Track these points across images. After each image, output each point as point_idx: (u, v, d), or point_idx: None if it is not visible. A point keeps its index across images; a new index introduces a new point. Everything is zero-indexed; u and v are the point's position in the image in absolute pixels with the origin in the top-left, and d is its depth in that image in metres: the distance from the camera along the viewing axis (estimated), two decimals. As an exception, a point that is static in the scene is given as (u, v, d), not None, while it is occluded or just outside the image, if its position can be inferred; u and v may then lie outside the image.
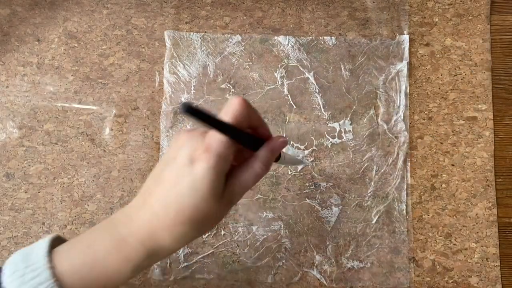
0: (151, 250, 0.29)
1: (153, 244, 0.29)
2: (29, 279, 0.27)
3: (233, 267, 0.45)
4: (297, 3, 0.49)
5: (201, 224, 0.29)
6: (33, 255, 0.29)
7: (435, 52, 0.48)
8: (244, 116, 0.29)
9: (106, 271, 0.29)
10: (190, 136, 0.29)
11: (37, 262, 0.28)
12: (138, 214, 0.29)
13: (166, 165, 0.29)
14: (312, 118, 0.47)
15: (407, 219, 0.45)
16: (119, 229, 0.29)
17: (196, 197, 0.27)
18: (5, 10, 0.50)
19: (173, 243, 0.29)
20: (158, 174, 0.30)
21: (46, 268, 0.28)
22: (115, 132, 0.47)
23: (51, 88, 0.48)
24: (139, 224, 0.29)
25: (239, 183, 0.30)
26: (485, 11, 0.48)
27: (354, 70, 0.48)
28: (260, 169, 0.30)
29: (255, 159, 0.30)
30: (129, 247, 0.29)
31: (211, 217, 0.29)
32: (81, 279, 0.28)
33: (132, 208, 0.30)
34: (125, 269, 0.29)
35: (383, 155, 0.46)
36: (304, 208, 0.46)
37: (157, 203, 0.28)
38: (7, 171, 0.47)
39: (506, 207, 0.46)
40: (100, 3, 0.50)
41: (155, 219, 0.28)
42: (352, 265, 0.45)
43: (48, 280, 0.27)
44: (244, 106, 0.29)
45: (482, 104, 0.47)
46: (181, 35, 0.49)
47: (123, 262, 0.29)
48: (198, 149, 0.28)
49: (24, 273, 0.28)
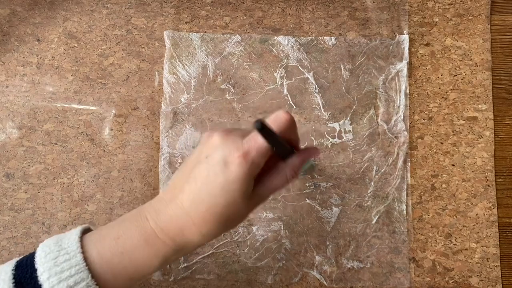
0: (179, 245, 0.30)
1: (182, 239, 0.30)
2: (62, 261, 0.29)
3: (233, 267, 0.45)
4: (297, 3, 0.49)
5: (228, 223, 0.30)
6: (65, 240, 0.30)
7: (435, 52, 0.48)
8: (288, 131, 0.31)
9: (135, 263, 0.30)
10: (226, 138, 0.30)
11: (69, 247, 0.29)
12: (167, 209, 0.30)
13: (198, 163, 0.30)
14: (312, 118, 0.47)
15: (407, 219, 0.45)
16: (148, 223, 0.30)
17: (227, 197, 0.29)
18: (5, 10, 0.50)
19: (201, 239, 0.30)
20: (189, 171, 0.30)
21: (78, 252, 0.29)
22: (115, 132, 0.47)
23: (50, 88, 0.48)
24: (169, 220, 0.30)
25: (268, 187, 0.32)
26: (485, 11, 0.48)
27: (354, 70, 0.48)
28: (290, 175, 0.32)
29: (287, 166, 0.32)
30: (158, 242, 0.30)
31: (238, 217, 0.31)
32: (110, 268, 0.29)
33: (161, 202, 0.31)
34: (153, 262, 0.30)
35: (383, 155, 0.46)
36: (304, 208, 0.46)
37: (187, 199, 0.29)
38: (7, 171, 0.47)
39: (506, 207, 0.46)
40: (100, 3, 0.50)
41: (185, 216, 0.29)
42: (352, 265, 0.45)
43: (80, 263, 0.28)
44: (290, 121, 0.30)
45: (482, 104, 0.47)
46: (180, 35, 0.49)
47: (151, 256, 0.30)
48: (233, 152, 0.29)
49: (57, 255, 0.29)
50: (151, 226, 0.30)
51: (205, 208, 0.29)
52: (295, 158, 0.32)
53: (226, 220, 0.30)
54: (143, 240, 0.30)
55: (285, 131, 0.30)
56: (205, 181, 0.29)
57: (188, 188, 0.30)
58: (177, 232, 0.30)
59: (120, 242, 0.30)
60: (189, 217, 0.29)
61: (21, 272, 0.29)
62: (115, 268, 0.29)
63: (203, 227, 0.29)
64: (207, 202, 0.29)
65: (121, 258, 0.29)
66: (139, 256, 0.30)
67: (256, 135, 0.30)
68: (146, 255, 0.30)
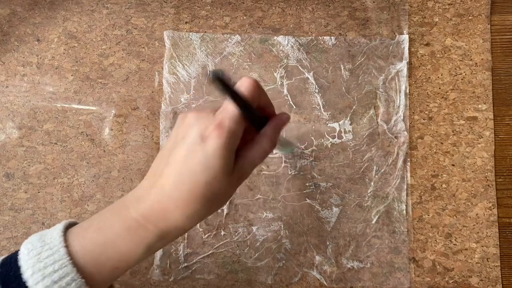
0: (164, 231, 0.29)
1: (165, 224, 0.29)
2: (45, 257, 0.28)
3: (233, 267, 0.45)
4: (297, 3, 0.49)
5: (213, 202, 0.29)
6: (48, 236, 0.30)
7: (435, 52, 0.48)
8: (256, 95, 0.30)
9: (118, 253, 0.29)
10: (198, 115, 0.30)
11: (52, 242, 0.29)
12: (149, 195, 0.29)
13: (175, 146, 0.30)
14: (312, 118, 0.47)
15: (407, 219, 0.45)
16: (130, 211, 0.30)
17: (208, 174, 0.28)
18: (5, 10, 0.50)
19: (186, 222, 0.29)
20: (167, 155, 0.30)
21: (61, 246, 0.28)
22: (115, 132, 0.47)
23: (50, 88, 0.48)
24: (150, 205, 0.29)
25: (248, 160, 0.31)
26: (485, 11, 0.48)
27: (354, 70, 0.48)
28: (267, 146, 0.31)
29: (262, 136, 0.31)
30: (140, 229, 0.29)
31: (222, 194, 0.29)
32: (93, 260, 0.29)
33: (141, 190, 0.30)
34: (137, 251, 0.29)
35: (383, 155, 0.46)
36: (304, 208, 0.46)
37: (168, 183, 0.29)
38: (7, 171, 0.47)
39: (506, 207, 0.46)
40: (100, 3, 0.50)
41: (167, 199, 0.29)
42: (352, 265, 0.45)
43: (64, 258, 0.28)
44: (256, 85, 0.30)
45: (482, 104, 0.47)
46: (180, 35, 0.49)
47: (134, 244, 0.29)
48: (208, 126, 0.28)
49: (41, 251, 0.28)
50: (133, 215, 0.29)
51: (187, 189, 0.28)
52: (268, 126, 0.32)
53: (210, 199, 0.29)
54: (124, 228, 0.29)
55: (253, 97, 0.29)
56: (184, 161, 0.28)
57: (167, 171, 0.29)
58: (159, 217, 0.29)
59: (101, 232, 0.29)
60: (171, 200, 0.28)
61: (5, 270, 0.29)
62: (99, 259, 0.29)
63: (186, 208, 0.28)
64: (188, 182, 0.28)
65: (104, 249, 0.29)
66: (121, 246, 0.29)
67: (227, 104, 0.29)
68: (129, 244, 0.29)
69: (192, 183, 0.28)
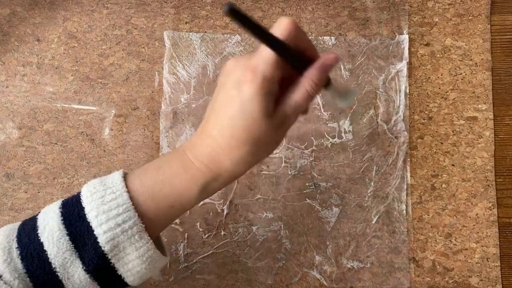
0: (216, 173, 0.31)
1: (216, 166, 0.30)
2: (108, 200, 0.30)
3: (233, 267, 0.45)
4: (297, 3, 0.49)
5: (257, 147, 0.30)
6: (109, 180, 0.31)
7: (435, 52, 0.48)
8: (294, 36, 0.28)
9: (175, 189, 0.31)
10: (237, 61, 0.30)
11: (115, 186, 0.30)
12: (200, 139, 0.31)
13: (218, 93, 0.31)
14: (312, 118, 0.47)
15: (407, 219, 0.45)
16: (186, 153, 0.31)
17: (246, 118, 0.28)
18: (5, 10, 0.50)
19: (234, 167, 0.30)
20: (212, 102, 0.31)
21: (124, 191, 0.30)
22: (115, 132, 0.47)
23: (50, 88, 0.48)
24: (202, 149, 0.31)
25: (289, 103, 0.30)
26: (485, 11, 0.48)
27: (353, 70, 0.48)
28: (309, 86, 0.30)
29: (304, 78, 0.30)
30: (194, 168, 0.31)
31: (266, 139, 0.30)
32: (151, 197, 0.30)
33: (196, 136, 0.32)
34: (192, 188, 0.31)
35: (383, 155, 0.46)
36: (304, 208, 0.46)
37: (213, 128, 0.30)
38: (7, 171, 0.47)
39: (506, 207, 0.46)
40: (100, 3, 0.50)
41: (214, 143, 0.30)
42: (352, 265, 0.45)
43: (127, 202, 0.30)
44: (294, 26, 0.28)
45: (482, 104, 0.47)
46: (180, 35, 0.49)
47: (189, 182, 0.31)
48: (244, 71, 0.28)
49: (104, 194, 0.30)
50: (188, 156, 0.31)
51: (228, 133, 0.29)
52: (311, 67, 0.30)
53: (253, 144, 0.29)
54: (181, 167, 0.31)
55: (292, 40, 0.28)
56: (224, 106, 0.29)
57: (212, 118, 0.30)
58: (210, 159, 0.30)
59: (160, 171, 0.31)
60: (217, 145, 0.30)
61: (68, 210, 0.30)
62: (157, 196, 0.30)
63: (231, 154, 0.29)
64: (228, 126, 0.29)
65: (162, 185, 0.30)
66: (178, 183, 0.30)
67: (262, 49, 0.28)
68: (185, 181, 0.30)
69: (232, 128, 0.29)
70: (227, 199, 0.46)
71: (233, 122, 0.29)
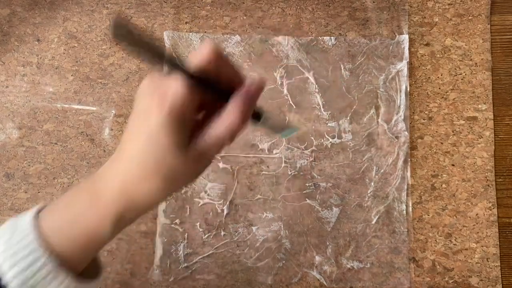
0: (126, 206, 0.28)
1: (127, 198, 0.28)
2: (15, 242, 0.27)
3: (233, 267, 0.45)
4: (297, 3, 0.49)
5: (171, 179, 0.27)
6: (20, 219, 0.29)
7: (435, 52, 0.48)
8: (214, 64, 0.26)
9: (86, 227, 0.28)
10: (150, 83, 0.27)
11: (24, 225, 0.28)
12: (111, 169, 0.28)
13: (131, 118, 0.28)
14: (312, 118, 0.47)
15: (407, 219, 0.45)
16: (96, 184, 0.28)
17: (156, 151, 0.26)
18: (5, 10, 0.50)
19: (146, 198, 0.28)
20: (127, 126, 0.29)
21: (31, 230, 0.27)
22: (115, 132, 0.47)
23: (50, 88, 0.48)
24: (112, 179, 0.28)
25: (210, 135, 0.27)
26: (485, 11, 0.48)
27: (354, 70, 0.48)
28: (231, 120, 0.27)
29: (226, 110, 0.27)
30: (103, 202, 0.28)
31: (180, 171, 0.27)
32: (63, 238, 0.28)
33: (108, 162, 0.29)
34: (104, 225, 0.28)
35: (383, 155, 0.46)
36: (304, 208, 0.46)
37: (125, 158, 0.28)
38: (7, 171, 0.47)
39: (506, 207, 0.46)
40: (100, 3, 0.50)
41: (125, 174, 0.27)
42: (352, 265, 0.45)
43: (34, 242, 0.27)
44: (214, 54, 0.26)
45: (482, 104, 0.47)
46: (180, 35, 0.49)
47: (99, 219, 0.28)
48: (153, 98, 0.26)
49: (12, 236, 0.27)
50: (98, 188, 0.28)
51: (139, 166, 0.27)
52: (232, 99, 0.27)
53: (165, 176, 0.27)
54: (89, 202, 0.28)
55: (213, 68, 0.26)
56: (136, 133, 0.27)
57: (124, 146, 0.28)
58: (120, 191, 0.27)
59: (68, 210, 0.29)
60: (127, 176, 0.27)
61: None
62: (69, 237, 0.28)
63: (143, 185, 0.27)
64: (139, 158, 0.27)
65: (71, 226, 0.28)
66: (88, 220, 0.28)
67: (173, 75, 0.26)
68: (95, 218, 0.28)
69: (142, 160, 0.27)
70: (227, 199, 0.46)
71: (143, 154, 0.26)
